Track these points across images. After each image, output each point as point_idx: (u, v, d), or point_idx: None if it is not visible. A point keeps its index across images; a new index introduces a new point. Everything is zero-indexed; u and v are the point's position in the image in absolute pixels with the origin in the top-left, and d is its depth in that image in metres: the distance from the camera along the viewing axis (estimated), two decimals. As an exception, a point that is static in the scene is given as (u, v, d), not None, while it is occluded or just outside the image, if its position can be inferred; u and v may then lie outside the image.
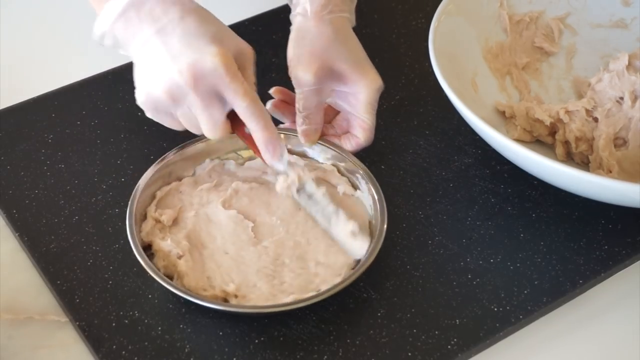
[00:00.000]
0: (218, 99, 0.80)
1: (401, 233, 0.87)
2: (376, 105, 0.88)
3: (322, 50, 0.86)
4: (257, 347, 0.78)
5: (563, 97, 1.00)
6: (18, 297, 0.83)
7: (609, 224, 0.88)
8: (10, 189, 0.90)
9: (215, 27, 0.81)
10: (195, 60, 0.78)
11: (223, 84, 0.79)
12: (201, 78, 0.79)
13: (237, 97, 0.79)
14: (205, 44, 0.79)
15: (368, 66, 0.88)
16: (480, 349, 0.80)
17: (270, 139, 0.81)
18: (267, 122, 0.81)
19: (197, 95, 0.79)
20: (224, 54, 0.79)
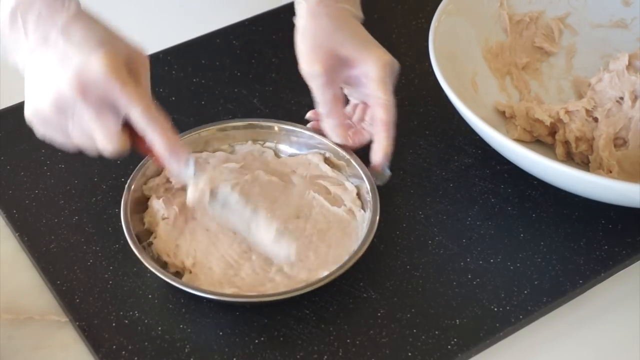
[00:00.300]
0: (110, 108, 0.74)
1: (401, 233, 0.87)
2: (389, 82, 0.86)
3: (324, 40, 0.86)
4: (257, 347, 0.78)
5: (563, 97, 1.00)
6: (18, 297, 0.83)
7: (609, 224, 0.88)
8: (10, 189, 0.90)
9: (102, 32, 0.76)
10: (81, 66, 0.73)
11: (114, 90, 0.74)
12: (89, 85, 0.73)
13: (129, 103, 0.74)
14: (91, 48, 0.74)
15: (373, 45, 0.87)
16: (480, 349, 0.80)
17: (170, 144, 0.76)
18: (165, 127, 0.76)
19: (86, 104, 0.74)
20: (112, 58, 0.74)
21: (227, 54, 1.04)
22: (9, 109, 0.97)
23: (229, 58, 1.03)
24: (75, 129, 0.76)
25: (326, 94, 0.86)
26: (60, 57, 0.74)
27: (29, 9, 0.75)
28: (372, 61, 0.86)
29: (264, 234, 0.81)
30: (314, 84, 0.86)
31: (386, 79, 0.86)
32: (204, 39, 1.05)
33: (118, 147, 0.75)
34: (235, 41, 1.05)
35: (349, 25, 0.88)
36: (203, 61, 1.03)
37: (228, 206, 0.81)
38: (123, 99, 0.74)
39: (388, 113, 0.86)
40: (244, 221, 0.81)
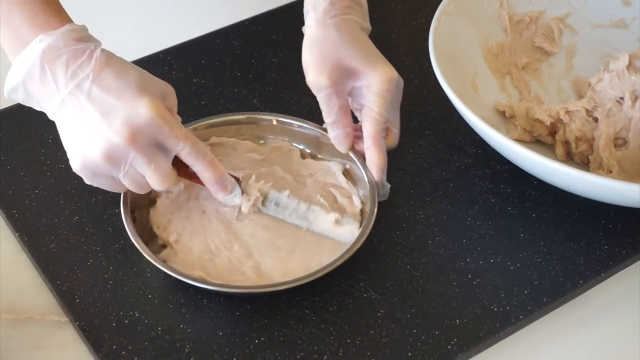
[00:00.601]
0: (160, 149, 0.78)
1: (401, 233, 0.87)
2: (391, 98, 0.86)
3: (331, 51, 0.86)
4: (257, 347, 0.78)
5: (563, 97, 1.00)
6: (18, 297, 0.83)
7: (609, 224, 0.88)
8: (10, 189, 0.90)
9: (135, 75, 0.78)
10: (129, 116, 0.75)
11: (162, 134, 0.76)
12: (140, 133, 0.76)
13: (179, 144, 0.77)
14: (133, 95, 0.76)
15: (380, 59, 0.88)
16: (480, 349, 0.80)
17: (217, 177, 0.80)
18: (211, 160, 0.80)
19: (139, 152, 0.76)
20: (156, 104, 0.76)
21: (227, 54, 1.04)
22: (9, 109, 0.97)
23: (229, 58, 1.03)
24: (127, 175, 0.78)
25: (332, 105, 0.86)
26: (102, 109, 0.76)
27: (56, 59, 0.76)
28: (376, 75, 0.86)
29: (324, 221, 0.84)
30: (320, 95, 0.87)
31: (387, 94, 0.86)
32: (204, 39, 1.05)
33: (170, 185, 0.79)
34: (235, 41, 1.05)
35: (356, 37, 0.88)
36: (203, 61, 1.03)
37: (282, 205, 0.85)
38: (172, 140, 0.77)
39: (377, 126, 0.86)
40: (300, 216, 0.84)
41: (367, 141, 0.86)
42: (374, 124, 0.86)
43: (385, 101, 0.86)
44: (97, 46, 0.78)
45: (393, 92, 0.87)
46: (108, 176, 0.79)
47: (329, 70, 0.86)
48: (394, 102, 0.88)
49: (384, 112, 0.86)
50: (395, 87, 0.87)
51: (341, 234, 0.84)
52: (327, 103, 0.86)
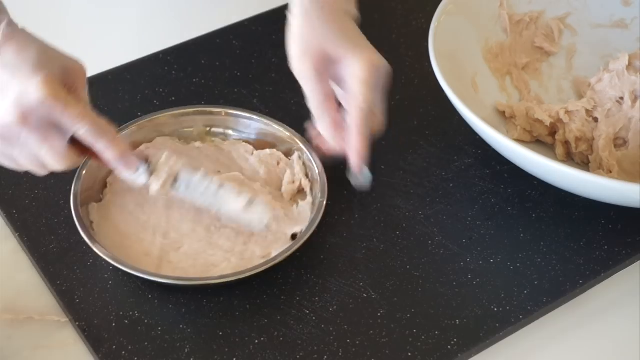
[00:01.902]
0: (55, 128, 0.74)
1: (401, 233, 0.87)
2: (375, 85, 0.84)
3: (314, 38, 0.85)
4: (257, 347, 0.78)
5: (563, 97, 1.00)
6: (18, 297, 0.83)
7: (609, 224, 0.88)
8: (10, 189, 0.90)
9: (35, 51, 0.74)
10: (19, 95, 0.73)
11: (56, 113, 0.73)
12: (30, 113, 0.73)
13: (75, 123, 0.74)
14: (27, 73, 0.73)
15: (364, 46, 0.86)
16: (480, 349, 0.80)
17: (119, 155, 0.77)
18: (112, 138, 0.76)
19: (30, 132, 0.73)
20: (49, 81, 0.73)
21: (227, 54, 1.04)
22: (9, 109, 0.97)
23: (229, 58, 1.03)
24: (22, 154, 0.76)
25: (316, 92, 0.85)
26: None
27: None
28: (359, 61, 0.84)
29: (234, 204, 0.82)
30: (304, 82, 0.86)
31: (371, 81, 0.84)
32: (204, 39, 1.05)
33: (68, 165, 0.76)
34: (235, 41, 1.05)
35: (341, 23, 0.87)
36: (203, 61, 1.03)
37: (192, 186, 0.82)
38: (67, 120, 0.74)
39: (361, 113, 0.84)
40: (209, 196, 0.82)
41: (351, 129, 0.85)
42: (357, 110, 0.84)
43: (369, 87, 0.84)
44: (1, 20, 0.76)
45: (376, 78, 0.85)
46: (4, 155, 0.76)
47: (313, 57, 0.85)
48: (378, 87, 0.86)
49: (368, 98, 0.84)
50: (379, 72, 0.85)
51: (249, 220, 0.82)
52: (312, 90, 0.85)
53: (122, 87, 0.99)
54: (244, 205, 0.82)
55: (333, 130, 0.85)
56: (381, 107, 0.87)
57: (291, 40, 0.87)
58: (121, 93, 0.99)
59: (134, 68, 1.02)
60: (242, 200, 0.82)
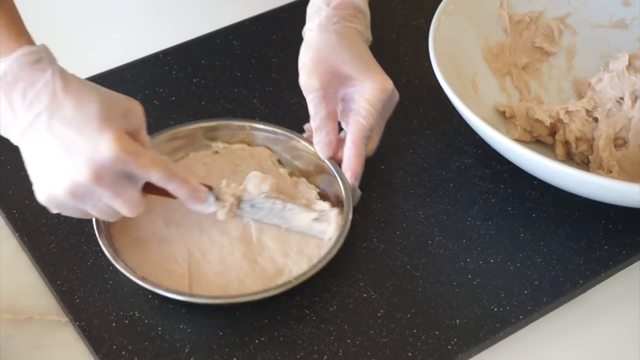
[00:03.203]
0: (128, 179, 0.75)
1: (401, 233, 0.87)
2: (381, 108, 0.86)
3: (327, 55, 0.86)
4: (257, 347, 0.78)
5: (563, 97, 1.00)
6: (18, 297, 0.83)
7: (609, 224, 0.88)
8: (10, 189, 0.90)
9: (96, 104, 0.73)
10: (91, 154, 0.72)
11: (129, 167, 0.74)
12: (104, 171, 0.73)
13: (148, 172, 0.75)
14: (95, 130, 0.72)
15: (377, 70, 0.87)
16: (480, 349, 0.80)
17: (191, 191, 0.78)
18: (182, 177, 0.77)
19: (104, 189, 0.74)
20: (118, 138, 0.72)
21: (227, 54, 1.04)
22: (9, 109, 0.97)
23: (229, 58, 1.03)
24: (95, 208, 0.76)
25: (320, 109, 0.86)
26: (64, 144, 0.73)
27: (13, 86, 0.73)
28: (370, 83, 0.86)
29: (302, 217, 0.83)
30: (310, 98, 0.86)
31: (378, 103, 0.86)
32: (204, 39, 1.06)
33: (142, 211, 0.77)
34: (235, 41, 1.05)
35: (356, 45, 0.88)
36: (203, 61, 1.03)
37: (257, 206, 0.83)
38: (141, 171, 0.74)
39: (360, 131, 0.85)
40: (276, 214, 0.83)
41: (347, 145, 0.86)
42: (359, 129, 0.85)
43: (375, 110, 0.86)
44: (55, 70, 0.74)
45: (384, 103, 0.86)
46: (75, 208, 0.77)
47: (322, 73, 0.86)
48: (384, 113, 0.88)
49: (371, 119, 0.86)
50: (388, 98, 0.87)
51: (322, 230, 0.83)
52: (315, 107, 0.86)
53: (122, 87, 0.99)
54: (314, 218, 0.83)
55: (327, 149, 0.87)
56: (380, 132, 0.89)
57: (304, 53, 0.87)
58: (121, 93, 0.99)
59: (134, 68, 1.02)
60: (310, 215, 0.83)
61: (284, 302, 0.81)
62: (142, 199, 0.77)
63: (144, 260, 0.82)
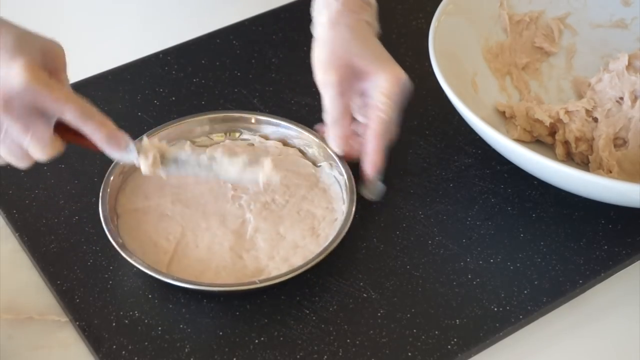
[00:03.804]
0: (39, 114, 0.72)
1: (401, 233, 0.87)
2: (397, 99, 0.86)
3: (342, 50, 0.86)
4: (257, 347, 0.78)
5: (563, 97, 1.00)
6: (18, 297, 0.83)
7: (609, 224, 0.88)
8: (10, 189, 0.90)
9: (12, 36, 0.71)
10: (1, 82, 0.70)
11: (40, 100, 0.70)
12: (13, 99, 0.70)
13: (60, 107, 0.71)
14: (6, 59, 0.70)
15: (390, 61, 0.88)
16: (480, 349, 0.80)
17: (109, 135, 0.75)
18: (100, 119, 0.74)
19: (13, 120, 0.71)
20: (30, 66, 0.70)
21: (227, 54, 1.04)
22: (9, 109, 0.97)
23: (229, 58, 1.03)
24: (3, 145, 0.73)
25: (336, 103, 0.86)
26: None
27: None
28: (386, 75, 0.86)
29: (229, 167, 0.81)
30: (326, 93, 0.86)
31: (395, 96, 0.86)
32: (204, 39, 1.05)
33: (53, 153, 0.74)
34: (235, 41, 1.05)
35: (368, 38, 0.88)
36: (203, 61, 1.03)
37: (182, 162, 0.81)
38: (52, 104, 0.71)
39: (381, 125, 0.86)
40: (203, 167, 0.81)
41: (369, 139, 0.86)
42: (380, 123, 0.86)
43: (393, 102, 0.86)
44: None
45: (400, 93, 0.87)
46: None
47: (338, 67, 0.86)
48: (400, 103, 0.88)
49: (391, 112, 0.86)
50: (403, 88, 0.87)
51: (253, 177, 0.81)
52: (332, 101, 0.86)
53: (122, 87, 0.99)
54: (241, 166, 0.81)
55: (342, 143, 0.87)
56: (397, 121, 0.89)
57: (317, 49, 0.87)
58: (121, 93, 0.99)
59: (134, 68, 1.02)
60: (238, 162, 0.81)
61: (284, 302, 0.81)
62: (53, 139, 0.73)
63: (136, 229, 0.84)
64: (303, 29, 0.95)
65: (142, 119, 0.87)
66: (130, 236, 0.83)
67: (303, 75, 0.95)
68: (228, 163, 0.81)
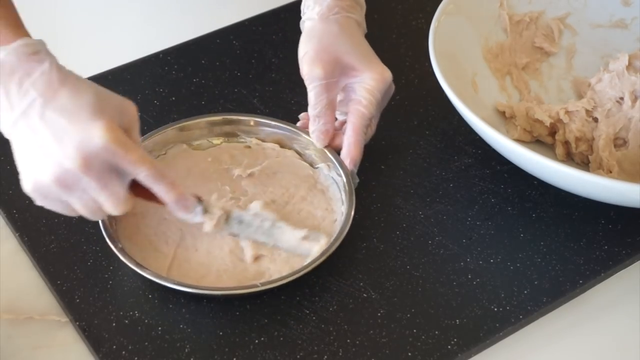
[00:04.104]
0: (115, 173, 0.74)
1: (401, 233, 0.87)
2: (380, 98, 0.88)
3: (330, 44, 0.88)
4: (257, 347, 0.78)
5: (563, 97, 1.00)
6: (18, 297, 0.83)
7: (609, 224, 0.88)
8: (10, 189, 0.90)
9: (91, 95, 0.73)
10: (82, 141, 0.71)
11: (118, 159, 0.73)
12: (93, 159, 0.72)
13: (136, 167, 0.74)
14: (87, 118, 0.72)
15: (375, 60, 0.89)
16: (480, 349, 0.80)
17: (177, 198, 0.77)
18: (170, 181, 0.77)
19: (91, 178, 0.72)
20: (110, 128, 0.72)
21: (227, 54, 1.04)
22: (9, 109, 0.97)
23: (229, 58, 1.03)
24: (80, 201, 0.75)
25: (321, 98, 0.87)
26: (55, 131, 0.72)
27: (9, 76, 0.72)
28: (371, 73, 0.88)
29: (290, 237, 0.83)
30: (311, 86, 0.88)
31: (378, 94, 0.88)
32: (204, 39, 1.06)
33: (126, 209, 0.76)
34: (235, 41, 1.05)
35: (355, 35, 0.90)
36: (203, 61, 1.03)
37: (245, 223, 0.83)
38: (129, 165, 0.73)
39: (361, 120, 0.87)
40: (265, 232, 0.83)
41: (348, 133, 0.88)
42: (359, 117, 0.87)
43: (375, 99, 0.88)
44: (52, 62, 0.74)
45: (383, 93, 0.89)
46: (60, 200, 0.75)
47: (324, 62, 0.87)
48: (382, 102, 0.90)
49: (372, 109, 0.88)
50: (387, 87, 0.89)
51: (308, 249, 0.82)
52: (317, 95, 0.87)
53: (122, 87, 0.99)
54: (301, 238, 0.83)
55: (324, 137, 0.88)
56: (376, 122, 0.91)
57: (306, 42, 0.89)
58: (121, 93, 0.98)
59: (134, 68, 1.02)
60: (298, 234, 0.83)
61: (284, 302, 0.81)
62: (127, 197, 0.75)
63: (136, 233, 0.84)
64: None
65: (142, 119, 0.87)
66: (130, 241, 0.83)
67: (303, 75, 0.96)
68: (290, 232, 0.83)
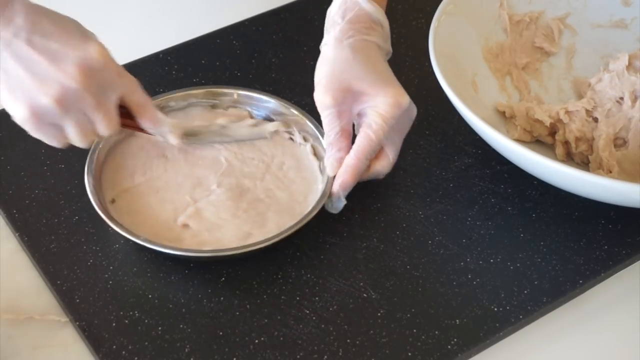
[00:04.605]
0: (108, 93, 0.78)
1: (401, 233, 0.87)
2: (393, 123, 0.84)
3: (341, 72, 0.85)
4: (257, 347, 0.78)
5: (563, 97, 1.00)
6: (18, 297, 0.83)
7: (609, 224, 0.88)
8: (10, 189, 0.90)
9: (74, 24, 0.77)
10: (82, 59, 0.75)
11: (113, 75, 0.77)
12: (93, 76, 0.75)
13: (129, 85, 0.80)
14: (80, 40, 0.75)
15: (391, 84, 0.86)
16: (480, 349, 0.80)
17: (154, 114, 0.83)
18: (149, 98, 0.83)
19: (91, 95, 0.76)
20: (103, 47, 0.76)
21: (227, 54, 1.04)
22: (9, 109, 0.97)
23: (229, 58, 1.03)
24: (75, 121, 0.77)
25: (333, 125, 0.85)
26: (49, 55, 0.74)
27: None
28: (384, 97, 0.84)
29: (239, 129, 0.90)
30: (323, 115, 0.86)
31: (390, 117, 0.84)
32: (204, 39, 1.05)
33: (117, 129, 0.80)
34: (235, 41, 1.05)
35: (371, 60, 0.86)
36: (203, 61, 1.03)
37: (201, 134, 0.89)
38: (122, 81, 0.78)
39: (367, 143, 0.84)
40: (219, 134, 0.90)
41: (350, 154, 0.84)
42: (366, 141, 0.84)
43: (386, 124, 0.84)
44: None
45: (398, 118, 0.85)
46: (55, 125, 0.77)
47: (335, 90, 0.84)
48: (399, 128, 0.86)
49: (381, 134, 0.84)
50: (403, 113, 0.85)
51: (263, 131, 0.90)
52: (329, 123, 0.85)
53: (122, 87, 0.99)
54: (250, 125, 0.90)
55: (337, 165, 0.85)
56: (396, 150, 0.87)
57: (319, 69, 0.87)
58: (121, 93, 0.99)
59: (134, 68, 1.01)
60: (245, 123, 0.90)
61: (284, 302, 0.81)
62: (117, 116, 0.80)
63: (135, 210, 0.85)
64: (303, 29, 0.95)
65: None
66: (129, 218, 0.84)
67: (303, 75, 0.96)
68: (238, 126, 0.90)
